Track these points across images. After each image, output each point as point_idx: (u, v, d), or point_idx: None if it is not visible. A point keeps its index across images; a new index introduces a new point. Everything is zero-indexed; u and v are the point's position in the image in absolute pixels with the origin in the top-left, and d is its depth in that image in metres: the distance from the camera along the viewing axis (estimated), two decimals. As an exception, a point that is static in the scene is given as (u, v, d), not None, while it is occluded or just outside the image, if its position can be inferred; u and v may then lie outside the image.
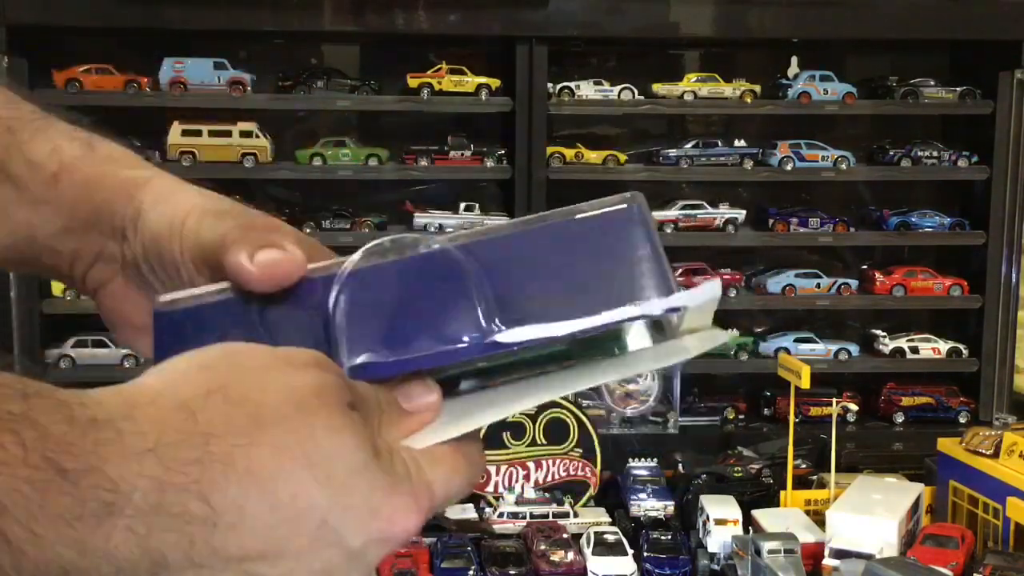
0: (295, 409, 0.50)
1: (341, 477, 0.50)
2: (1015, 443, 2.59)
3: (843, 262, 3.65)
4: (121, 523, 0.45)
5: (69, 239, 0.71)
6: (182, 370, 0.51)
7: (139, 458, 0.46)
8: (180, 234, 0.66)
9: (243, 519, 0.48)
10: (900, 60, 3.62)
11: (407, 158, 3.34)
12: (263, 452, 0.49)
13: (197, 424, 0.48)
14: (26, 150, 0.70)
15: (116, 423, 0.46)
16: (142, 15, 3.08)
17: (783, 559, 2.43)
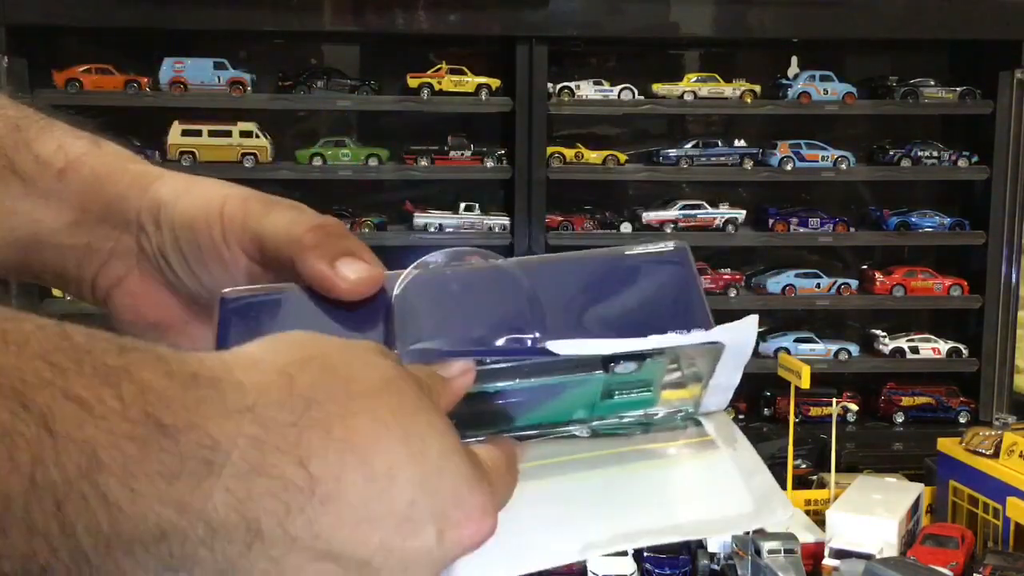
0: (386, 384, 0.50)
1: (433, 457, 0.49)
2: (1015, 443, 2.59)
3: (843, 262, 3.66)
4: (220, 483, 0.44)
5: (79, 234, 0.70)
6: (274, 343, 0.51)
7: (239, 416, 0.45)
8: (220, 219, 0.66)
9: (340, 490, 0.46)
10: (900, 60, 3.62)
11: (407, 158, 3.35)
12: (361, 422, 0.48)
13: (296, 388, 0.47)
14: (33, 147, 0.70)
15: (217, 380, 0.46)
16: (142, 15, 3.08)
17: (783, 559, 2.43)
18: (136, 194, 0.69)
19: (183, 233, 0.67)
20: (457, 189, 3.44)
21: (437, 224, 3.35)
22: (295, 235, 0.63)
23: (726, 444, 0.68)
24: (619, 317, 0.63)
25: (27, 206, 0.70)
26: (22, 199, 0.70)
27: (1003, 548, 2.52)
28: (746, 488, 0.65)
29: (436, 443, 0.50)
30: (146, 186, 0.69)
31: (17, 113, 0.71)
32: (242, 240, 0.66)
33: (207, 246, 0.66)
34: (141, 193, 0.69)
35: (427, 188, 3.46)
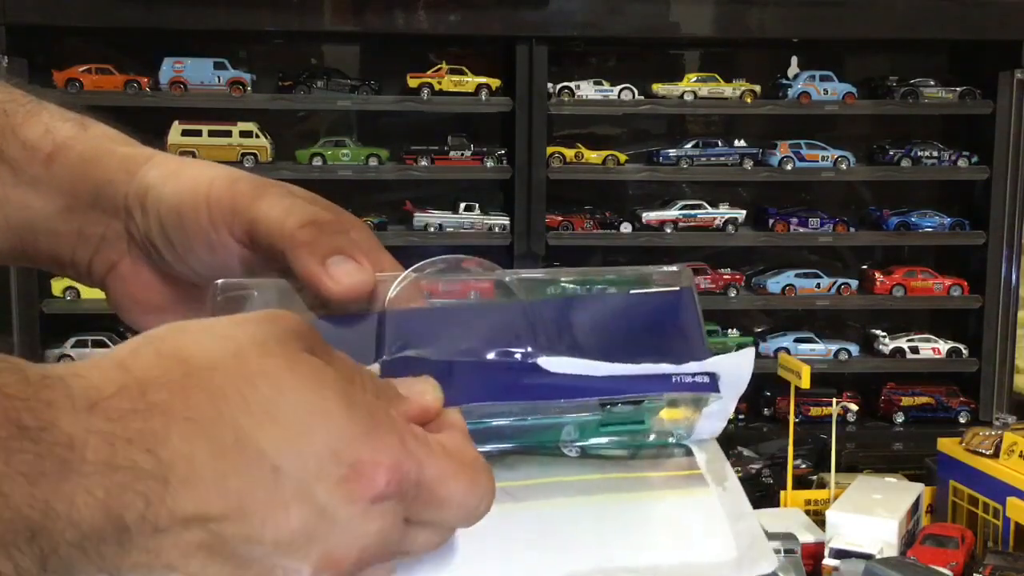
0: (230, 356, 0.48)
1: (289, 419, 0.47)
2: (1015, 443, 2.58)
3: (843, 262, 3.65)
4: (81, 484, 0.43)
5: (71, 220, 0.70)
6: (124, 343, 0.50)
7: (87, 413, 0.45)
8: (207, 203, 0.65)
9: (193, 470, 0.45)
10: (900, 60, 3.62)
11: (407, 158, 3.34)
12: (199, 397, 0.46)
13: (130, 374, 0.46)
14: (20, 132, 0.70)
15: (64, 380, 0.45)
16: (142, 15, 3.08)
17: (783, 559, 2.43)
18: (124, 179, 0.68)
19: (169, 218, 0.66)
20: (457, 189, 3.44)
21: (437, 224, 3.35)
22: (288, 229, 0.62)
23: (716, 482, 0.67)
24: (615, 344, 0.62)
25: (18, 193, 0.69)
26: (12, 186, 0.69)
27: (1003, 548, 2.51)
28: (731, 533, 0.64)
29: (292, 405, 0.48)
30: (134, 170, 0.68)
31: (4, 97, 0.71)
32: (231, 225, 0.65)
33: (194, 231, 0.66)
34: (129, 178, 0.68)
35: (427, 188, 3.46)
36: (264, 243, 0.64)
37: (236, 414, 0.47)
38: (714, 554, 0.62)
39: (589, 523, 0.61)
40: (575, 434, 0.66)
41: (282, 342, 0.49)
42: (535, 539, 0.60)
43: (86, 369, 0.47)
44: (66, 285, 3.22)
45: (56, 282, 3.22)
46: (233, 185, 0.65)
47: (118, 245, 0.70)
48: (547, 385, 0.60)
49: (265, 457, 0.47)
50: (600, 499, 0.63)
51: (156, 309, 0.71)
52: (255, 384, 0.48)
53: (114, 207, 0.69)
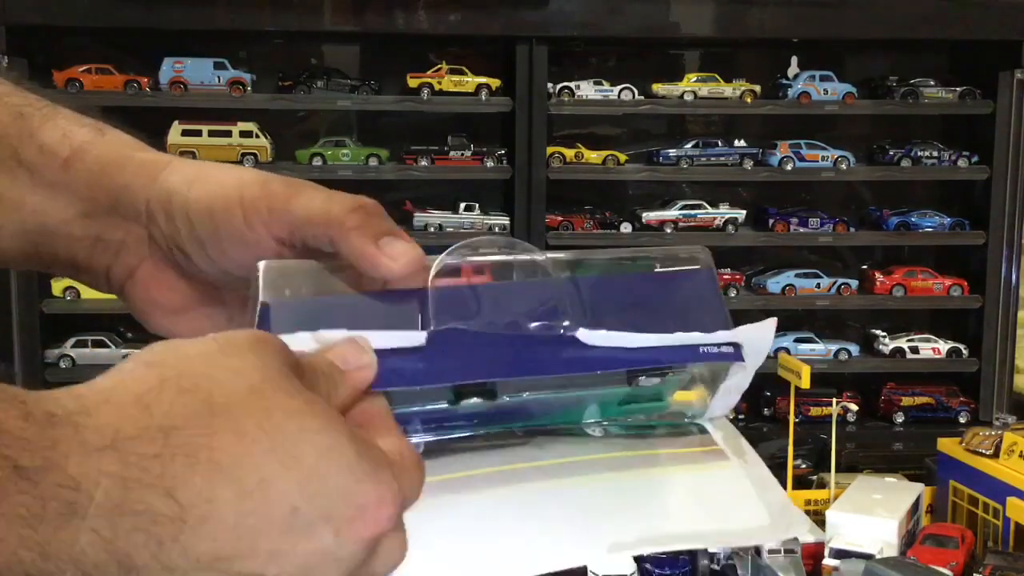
0: (248, 392, 0.48)
1: (309, 461, 0.48)
2: (1015, 443, 2.58)
3: (843, 262, 3.65)
4: (86, 525, 0.43)
5: (89, 225, 0.70)
6: (130, 369, 0.50)
7: (99, 455, 0.44)
8: (240, 204, 0.65)
9: (212, 512, 0.46)
10: (900, 60, 3.62)
11: (407, 158, 3.34)
12: (225, 439, 0.47)
13: (154, 418, 0.46)
14: (38, 136, 0.69)
15: (74, 418, 0.45)
16: (142, 15, 3.08)
17: (783, 559, 2.43)
18: (144, 184, 0.69)
19: (200, 220, 0.67)
20: (457, 189, 3.44)
21: (437, 224, 3.35)
22: (335, 216, 0.63)
23: (736, 456, 0.69)
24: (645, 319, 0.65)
25: (35, 198, 0.69)
26: (29, 190, 0.69)
27: (1003, 548, 2.51)
28: (761, 502, 0.66)
29: (310, 446, 0.48)
30: (154, 175, 0.69)
31: (20, 101, 0.71)
32: (269, 223, 0.65)
33: (227, 231, 0.66)
34: (149, 183, 0.69)
35: (427, 188, 3.46)
36: (308, 235, 0.65)
37: (261, 455, 0.47)
38: (747, 521, 0.65)
39: (623, 497, 0.64)
40: (596, 414, 0.69)
41: (285, 375, 0.50)
42: (574, 515, 0.62)
43: (98, 405, 0.46)
44: (66, 285, 3.22)
45: (56, 282, 3.22)
46: (266, 185, 0.66)
47: (138, 250, 0.71)
48: (582, 358, 0.62)
49: (287, 498, 0.47)
50: (629, 474, 0.66)
51: (177, 310, 0.72)
52: (281, 424, 0.48)
53: (135, 212, 0.69)
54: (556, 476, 0.64)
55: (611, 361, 0.63)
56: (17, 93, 0.71)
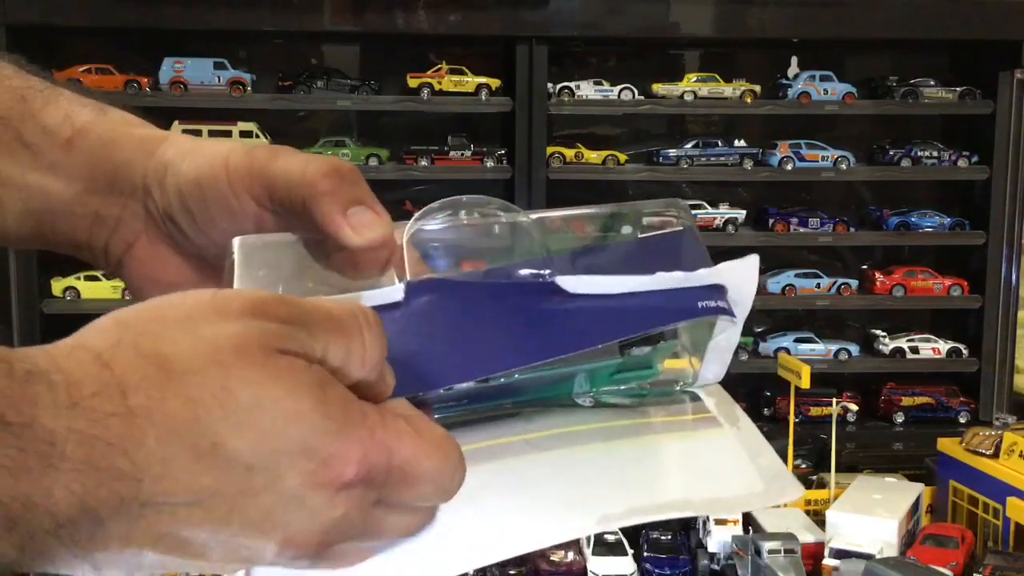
0: (207, 361, 0.49)
1: (265, 425, 0.49)
2: (1015, 443, 2.58)
3: (843, 262, 3.66)
4: (60, 479, 0.45)
5: (88, 202, 0.71)
6: (99, 325, 0.51)
7: (68, 412, 0.46)
8: (225, 170, 0.66)
9: (166, 471, 0.47)
10: (900, 60, 3.62)
11: (407, 158, 3.34)
12: (177, 404, 0.48)
13: (113, 376, 0.48)
14: (40, 117, 0.70)
15: (48, 375, 0.46)
16: (142, 15, 3.08)
17: (783, 559, 2.43)
18: (142, 159, 0.70)
19: (189, 190, 0.68)
20: (457, 189, 3.41)
21: (437, 224, 3.35)
22: (309, 178, 0.64)
23: (729, 423, 0.69)
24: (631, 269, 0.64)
25: (37, 177, 0.70)
26: (32, 171, 0.70)
27: (1003, 548, 2.52)
28: (754, 468, 0.66)
29: (266, 412, 0.49)
30: (152, 150, 0.70)
31: (22, 83, 0.72)
32: (251, 187, 0.66)
33: (214, 199, 0.67)
34: (147, 157, 0.70)
35: (427, 188, 3.46)
36: (284, 196, 0.65)
37: (213, 421, 0.48)
38: (741, 487, 0.65)
39: (614, 468, 0.63)
40: (586, 385, 0.68)
41: (262, 344, 0.50)
42: (564, 488, 0.61)
43: (65, 359, 0.48)
44: (66, 285, 3.22)
45: (56, 282, 3.22)
46: (250, 152, 0.67)
47: (135, 225, 0.72)
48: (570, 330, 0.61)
49: (240, 458, 0.49)
50: (620, 444, 0.65)
51: (172, 286, 0.70)
52: (233, 392, 0.49)
53: (132, 187, 0.70)
54: (545, 448, 0.63)
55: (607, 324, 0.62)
56: (19, 76, 0.72)
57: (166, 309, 0.51)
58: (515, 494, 0.60)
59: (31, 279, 3.16)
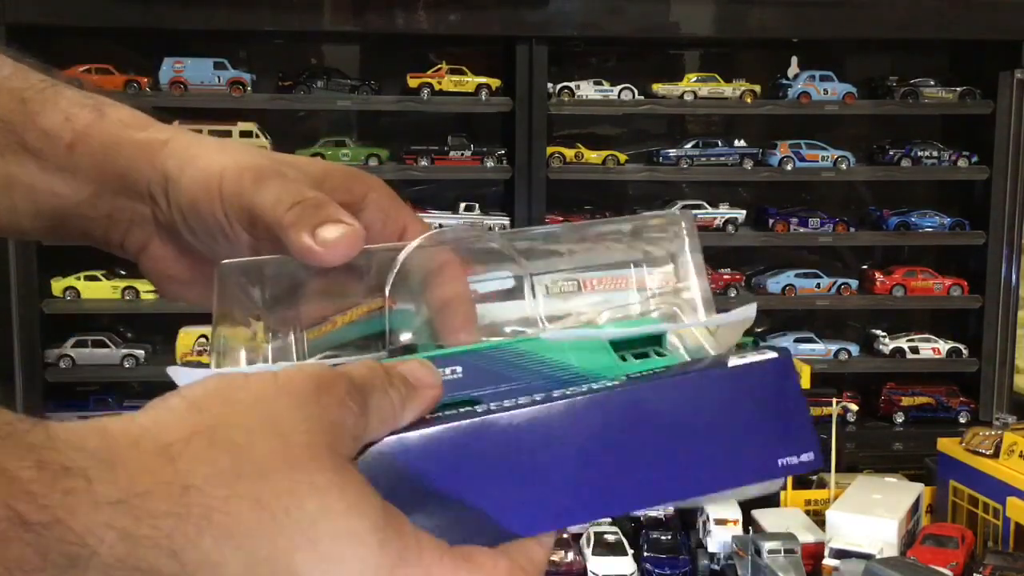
0: (279, 460, 0.47)
1: (324, 544, 0.47)
2: (1015, 443, 2.58)
3: (843, 262, 3.65)
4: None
5: (99, 206, 0.72)
6: (173, 407, 0.48)
7: (110, 508, 0.43)
8: (220, 198, 0.66)
9: (216, 575, 0.45)
10: (900, 60, 3.62)
11: (407, 158, 3.34)
12: (242, 506, 0.46)
13: (176, 473, 0.45)
14: (39, 121, 0.70)
15: (88, 470, 0.44)
16: (142, 15, 3.08)
17: (783, 559, 2.43)
18: (145, 167, 0.70)
19: (189, 212, 0.68)
20: (457, 189, 3.44)
21: (437, 224, 3.35)
22: (277, 216, 0.64)
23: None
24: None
25: (45, 181, 0.71)
26: (39, 174, 0.71)
27: (1003, 548, 2.52)
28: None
29: (330, 528, 0.47)
30: (153, 158, 0.70)
31: (21, 84, 0.71)
32: (240, 217, 0.66)
33: (211, 223, 0.67)
34: (150, 166, 0.70)
35: (427, 188, 3.46)
36: (264, 230, 0.65)
37: (275, 529, 0.46)
38: None
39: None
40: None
41: (330, 446, 0.49)
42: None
43: (121, 453, 0.45)
44: (66, 285, 3.22)
45: (56, 282, 3.22)
46: (240, 176, 0.66)
47: (146, 227, 0.72)
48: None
49: (293, 574, 0.47)
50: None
51: (186, 283, 0.74)
52: (300, 498, 0.47)
53: (139, 194, 0.71)
54: None
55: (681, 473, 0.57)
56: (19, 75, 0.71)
57: (236, 391, 0.49)
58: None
59: (31, 279, 3.16)
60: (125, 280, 3.25)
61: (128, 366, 3.26)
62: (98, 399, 3.28)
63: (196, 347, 3.25)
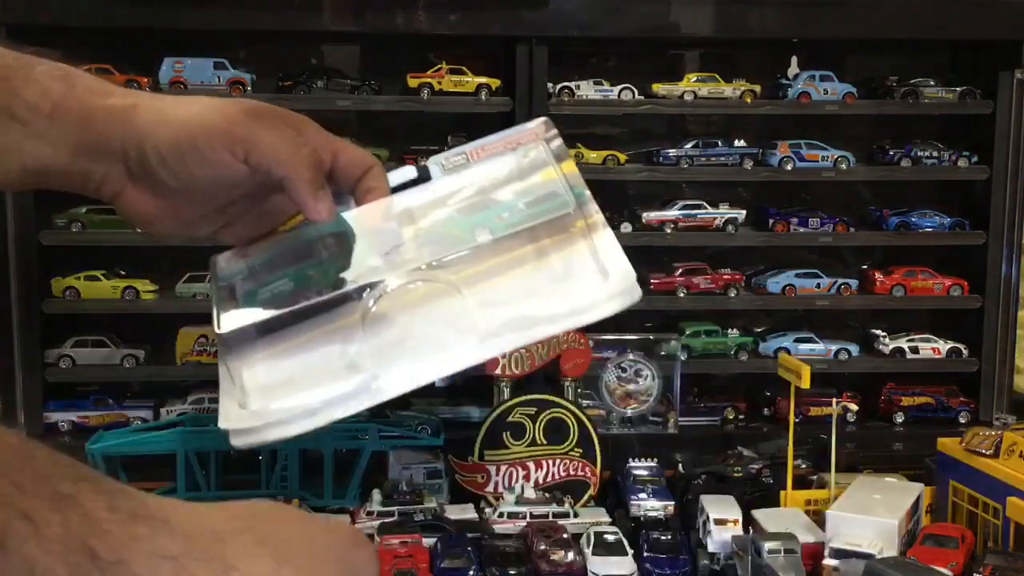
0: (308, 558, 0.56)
1: None
2: (1015, 443, 2.59)
3: (843, 262, 3.65)
4: None
5: (77, 163, 0.89)
6: (228, 506, 0.56)
7: (163, 562, 0.49)
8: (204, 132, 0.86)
9: None
10: (900, 60, 3.62)
11: (407, 158, 3.34)
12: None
13: (224, 554, 0.51)
14: (21, 94, 0.86)
15: (153, 522, 0.50)
16: (142, 15, 3.08)
17: (783, 559, 2.43)
18: (117, 130, 0.87)
19: (168, 152, 0.87)
20: (457, 189, 3.43)
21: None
22: (296, 165, 0.89)
23: (591, 232, 0.84)
24: None
25: (30, 144, 0.87)
26: (24, 139, 0.87)
27: (1003, 548, 2.52)
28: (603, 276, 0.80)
29: None
30: (125, 120, 0.87)
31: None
32: (229, 145, 0.86)
33: (191, 155, 0.86)
34: (123, 127, 0.87)
35: (427, 188, 3.46)
36: (263, 165, 0.88)
37: None
38: (593, 297, 0.79)
39: (509, 295, 0.80)
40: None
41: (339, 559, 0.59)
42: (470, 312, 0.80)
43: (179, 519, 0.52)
44: (66, 285, 3.22)
45: (56, 282, 3.22)
46: (229, 116, 0.87)
47: (120, 179, 0.91)
48: None
49: None
50: (512, 275, 0.82)
51: (154, 220, 0.93)
52: None
53: (112, 152, 0.89)
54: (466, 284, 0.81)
55: None
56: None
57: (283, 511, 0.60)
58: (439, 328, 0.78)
59: (31, 279, 3.16)
60: (125, 280, 3.25)
61: (128, 366, 3.26)
62: (98, 399, 3.27)
63: (196, 347, 3.25)
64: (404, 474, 3.00)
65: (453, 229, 0.85)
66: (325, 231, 0.90)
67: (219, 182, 0.89)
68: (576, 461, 3.05)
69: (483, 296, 0.80)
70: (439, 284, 0.80)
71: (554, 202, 0.85)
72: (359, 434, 2.95)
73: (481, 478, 3.01)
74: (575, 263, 0.81)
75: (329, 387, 0.76)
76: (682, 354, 3.37)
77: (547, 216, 0.84)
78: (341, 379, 0.76)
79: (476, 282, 0.80)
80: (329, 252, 0.88)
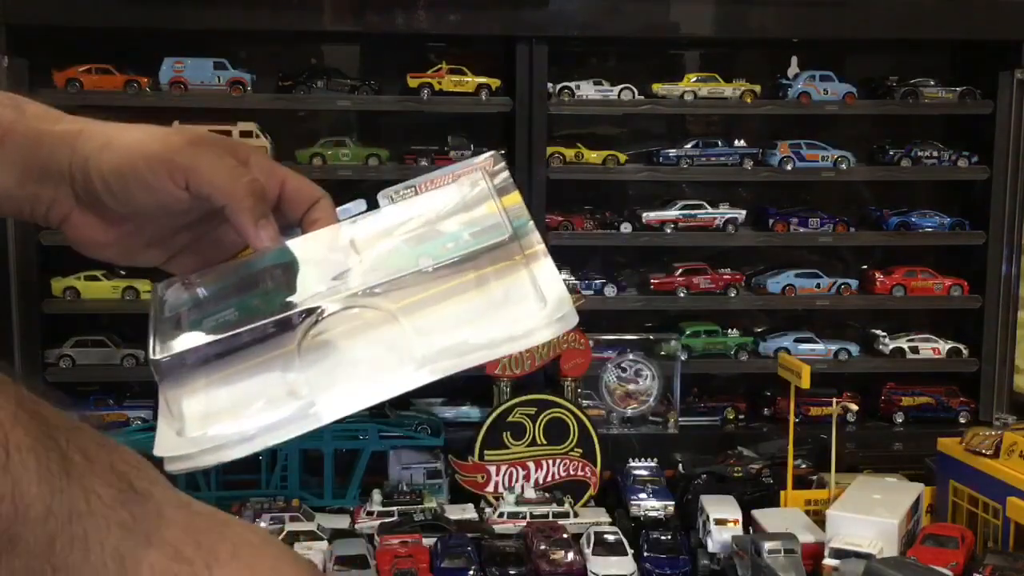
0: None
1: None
2: (1015, 443, 2.58)
3: (843, 262, 3.65)
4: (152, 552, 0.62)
5: (25, 187, 0.91)
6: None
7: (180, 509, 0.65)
8: (144, 160, 0.88)
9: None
10: (900, 60, 3.62)
11: (407, 158, 3.34)
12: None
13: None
14: None
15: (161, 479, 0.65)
16: (142, 15, 3.08)
17: (783, 559, 2.43)
18: (65, 153, 0.90)
19: (112, 178, 0.89)
20: (457, 189, 3.43)
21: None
22: (237, 194, 0.88)
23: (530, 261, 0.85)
24: None
25: None
26: None
27: (1003, 548, 2.52)
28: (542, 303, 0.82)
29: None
30: (72, 144, 0.90)
31: None
32: (170, 173, 0.88)
33: (133, 181, 0.88)
34: (70, 151, 0.89)
35: (427, 188, 3.46)
36: (203, 193, 0.88)
37: None
38: (530, 323, 0.81)
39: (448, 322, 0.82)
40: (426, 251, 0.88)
41: None
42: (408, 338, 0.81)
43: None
44: (66, 285, 3.22)
45: (56, 282, 3.22)
46: (169, 146, 0.88)
47: (67, 202, 0.92)
48: None
49: None
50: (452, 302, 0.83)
51: (102, 245, 0.95)
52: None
53: (59, 176, 0.90)
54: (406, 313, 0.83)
55: None
56: None
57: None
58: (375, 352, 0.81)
59: (31, 279, 3.16)
60: (125, 280, 3.25)
61: (128, 366, 3.26)
62: (98, 399, 3.27)
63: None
64: (404, 474, 3.00)
65: (398, 259, 0.86)
66: (271, 262, 0.90)
67: (162, 209, 0.91)
68: (576, 461, 3.05)
69: (421, 323, 0.81)
70: (379, 311, 0.82)
71: (497, 232, 0.87)
72: (359, 434, 2.95)
73: (481, 478, 3.01)
74: (514, 291, 0.83)
75: (267, 413, 0.78)
76: (682, 354, 3.37)
77: (488, 243, 0.85)
78: (279, 405, 0.78)
79: (416, 309, 0.82)
80: (275, 282, 0.89)
